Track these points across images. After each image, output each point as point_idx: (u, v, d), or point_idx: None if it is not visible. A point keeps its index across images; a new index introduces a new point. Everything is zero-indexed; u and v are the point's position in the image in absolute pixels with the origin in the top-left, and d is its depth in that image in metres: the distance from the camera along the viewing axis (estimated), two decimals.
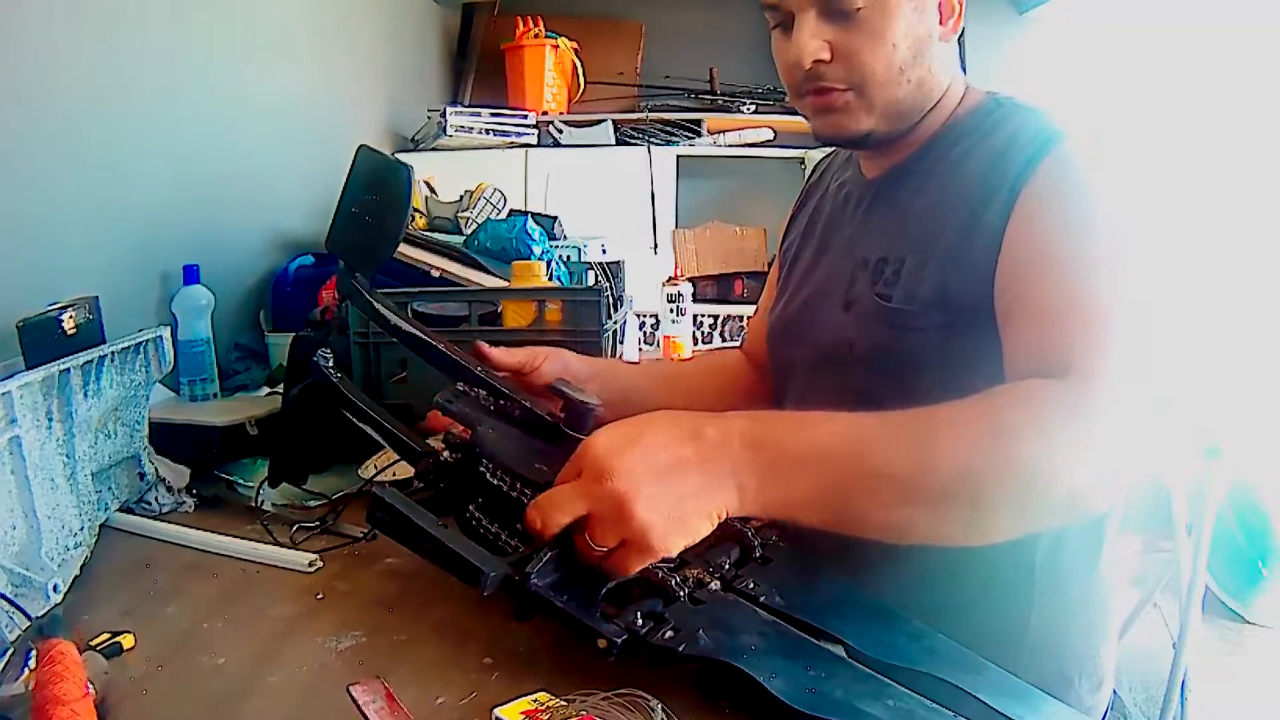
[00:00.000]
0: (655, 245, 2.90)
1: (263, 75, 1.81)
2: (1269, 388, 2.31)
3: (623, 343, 1.49)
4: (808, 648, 0.62)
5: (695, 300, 2.32)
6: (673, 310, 1.88)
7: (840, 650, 0.62)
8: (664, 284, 1.89)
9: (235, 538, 0.94)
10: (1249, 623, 2.40)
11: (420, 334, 0.92)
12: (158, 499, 1.04)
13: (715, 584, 0.68)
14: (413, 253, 1.39)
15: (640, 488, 0.59)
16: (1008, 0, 3.26)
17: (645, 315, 2.54)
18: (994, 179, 0.79)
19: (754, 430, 0.63)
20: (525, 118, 2.85)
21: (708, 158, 3.07)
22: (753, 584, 0.68)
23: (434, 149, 2.75)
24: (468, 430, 0.81)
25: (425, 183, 1.96)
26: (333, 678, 0.67)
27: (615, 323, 1.36)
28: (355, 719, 0.61)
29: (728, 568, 0.70)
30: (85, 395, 0.91)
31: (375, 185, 0.93)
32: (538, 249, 1.49)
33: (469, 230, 1.70)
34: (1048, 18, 3.19)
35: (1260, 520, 2.40)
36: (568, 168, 2.81)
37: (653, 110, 3.05)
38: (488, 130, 2.78)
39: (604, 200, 2.73)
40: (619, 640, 0.61)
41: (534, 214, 1.69)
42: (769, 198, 3.34)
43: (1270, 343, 2.42)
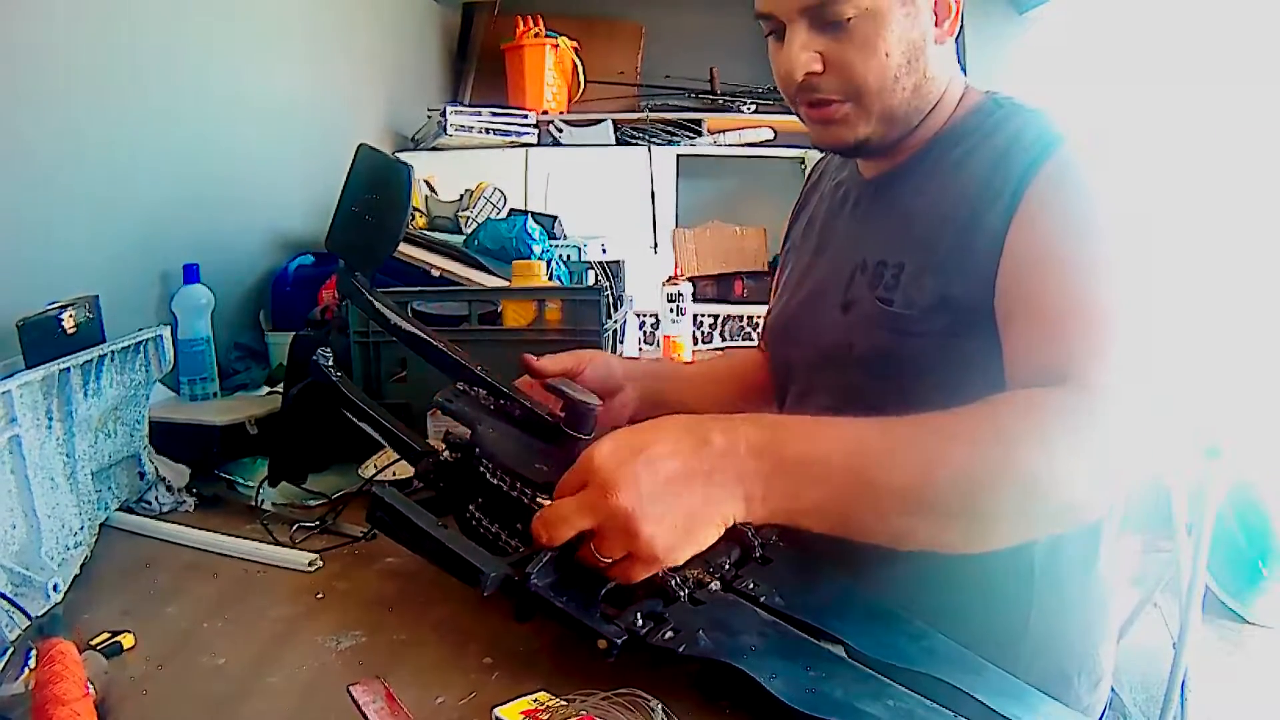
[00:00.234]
0: (655, 245, 2.90)
1: (263, 75, 1.81)
2: (1269, 388, 2.31)
3: (623, 342, 1.49)
4: (808, 648, 0.62)
5: (695, 300, 2.31)
6: (673, 310, 1.88)
7: (840, 650, 0.62)
8: (664, 284, 1.89)
9: (235, 537, 0.94)
10: (1249, 623, 2.40)
11: (420, 333, 0.92)
12: (158, 498, 1.04)
13: (715, 584, 0.68)
14: (413, 252, 1.39)
15: (646, 502, 0.58)
16: (1008, 0, 3.26)
17: (645, 315, 2.54)
18: (996, 181, 0.79)
19: (761, 438, 0.62)
20: (525, 117, 2.86)
21: (708, 158, 3.07)
22: (753, 584, 0.68)
23: (434, 148, 2.76)
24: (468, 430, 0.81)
25: (425, 182, 1.96)
26: (333, 678, 0.67)
27: (615, 322, 1.36)
28: (355, 719, 0.61)
29: (728, 568, 0.70)
30: (85, 394, 0.91)
31: (375, 184, 0.93)
32: (538, 248, 1.49)
33: (469, 230, 1.70)
34: (1048, 18, 3.19)
35: (1260, 520, 2.40)
36: (568, 167, 2.82)
37: (653, 110, 3.05)
38: (488, 130, 2.78)
39: (604, 200, 2.73)
40: (619, 640, 0.61)
41: (534, 213, 1.69)
42: (769, 198, 3.34)
43: (1270, 343, 2.42)
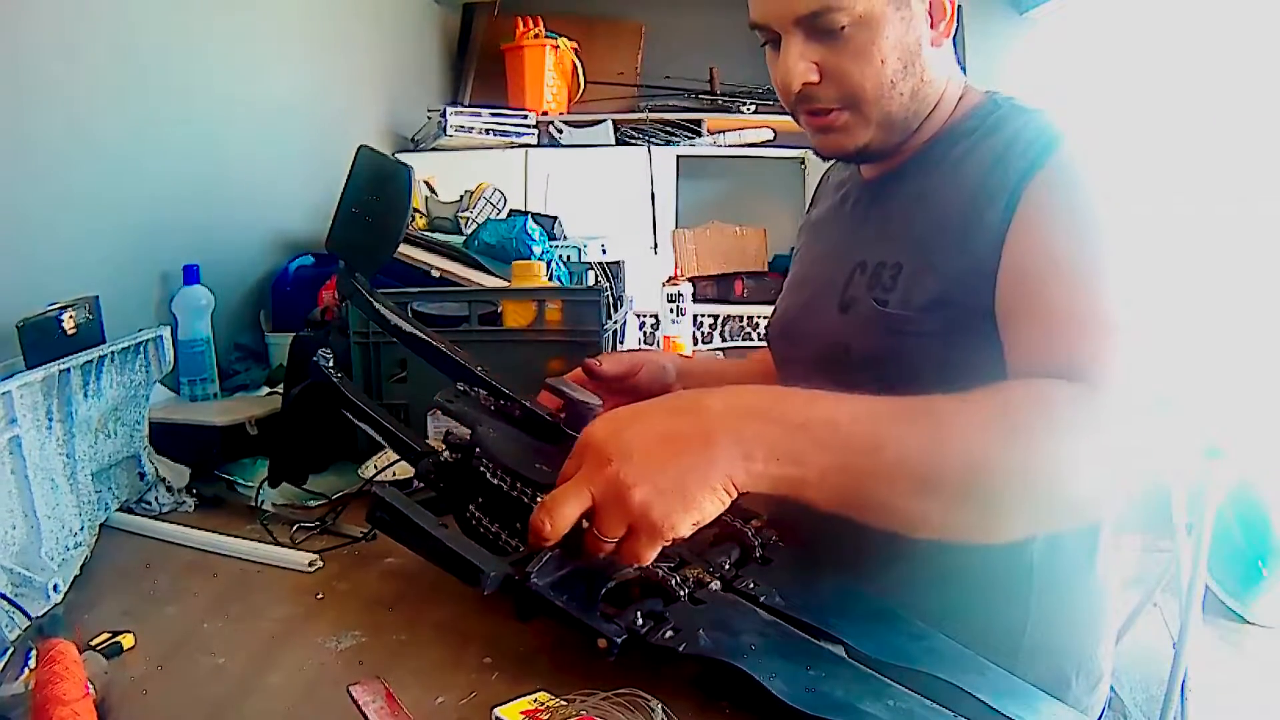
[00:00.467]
0: (655, 245, 2.90)
1: (263, 75, 1.81)
2: (1269, 388, 2.31)
3: (622, 342, 1.49)
4: (808, 648, 0.62)
5: (695, 300, 2.32)
6: (673, 310, 1.88)
7: (840, 650, 0.62)
8: (664, 284, 1.89)
9: (235, 538, 0.94)
10: (1249, 623, 2.40)
11: (420, 334, 0.92)
12: (158, 499, 1.04)
13: (715, 584, 0.68)
14: (413, 253, 1.39)
15: (636, 466, 0.57)
16: (1008, 0, 3.26)
17: (645, 315, 2.54)
18: (994, 181, 0.79)
19: (762, 402, 0.61)
20: (525, 118, 2.85)
21: (708, 158, 3.07)
22: (753, 584, 0.68)
23: (434, 149, 2.76)
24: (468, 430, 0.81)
25: (425, 183, 1.96)
26: (332, 678, 0.67)
27: (615, 323, 1.36)
28: (355, 719, 0.61)
29: (728, 568, 0.70)
30: (85, 395, 0.91)
31: (376, 186, 0.93)
32: (538, 249, 1.49)
33: (469, 230, 1.70)
34: (1048, 18, 3.19)
35: (1260, 520, 2.40)
36: (568, 168, 2.82)
37: (653, 110, 3.05)
38: (488, 130, 2.78)
39: (604, 200, 2.73)
40: (619, 640, 0.61)
41: (534, 214, 1.69)
42: (769, 198, 3.34)
43: (1271, 343, 2.42)
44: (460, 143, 2.75)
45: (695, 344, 2.29)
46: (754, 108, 3.05)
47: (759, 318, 2.88)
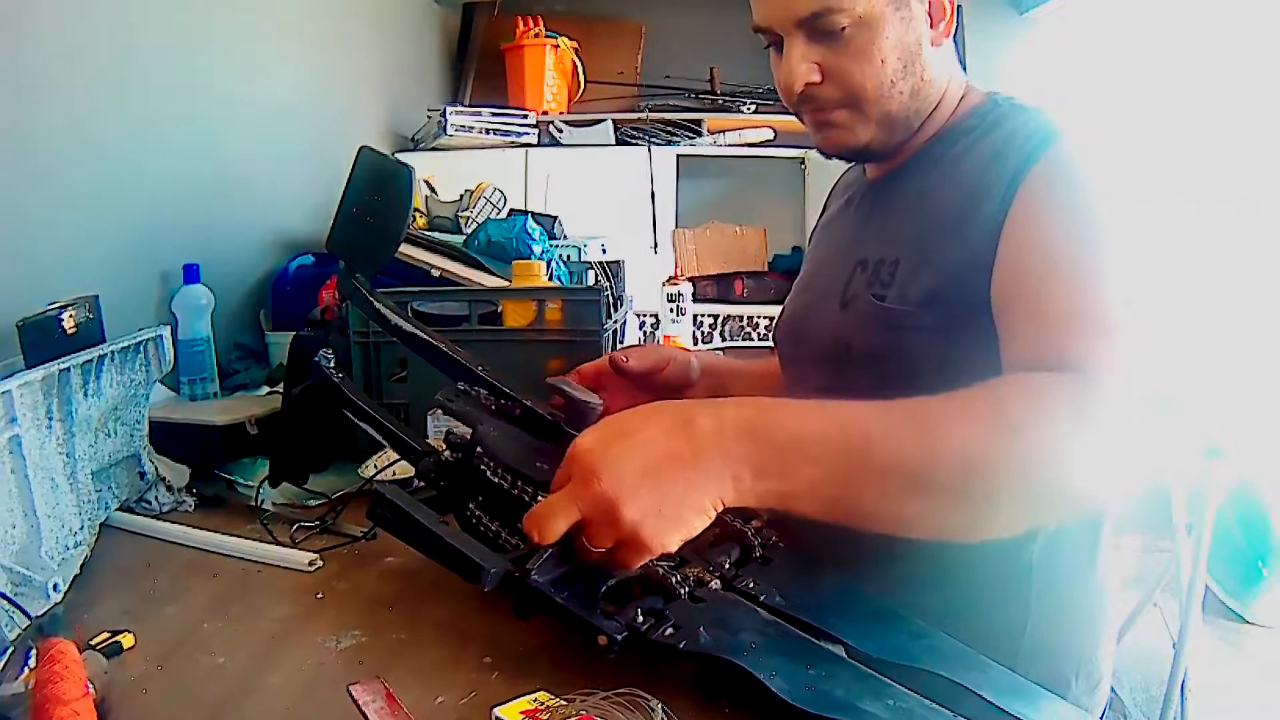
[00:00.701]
0: (655, 245, 2.90)
1: (263, 75, 1.81)
2: (1269, 388, 2.31)
3: (622, 342, 1.49)
4: (808, 647, 0.62)
5: (695, 300, 2.32)
6: (673, 310, 1.89)
7: (840, 650, 0.62)
8: (664, 284, 1.90)
9: (235, 537, 0.94)
10: (1249, 623, 2.40)
11: (421, 334, 0.92)
12: (158, 498, 1.04)
13: (716, 583, 0.68)
14: (413, 252, 1.39)
15: (627, 489, 0.58)
16: (1008, 0, 3.26)
17: (645, 315, 2.54)
18: (991, 176, 0.79)
19: (749, 419, 0.61)
20: (525, 117, 2.85)
21: (708, 158, 3.07)
22: (753, 583, 0.68)
23: (434, 149, 2.76)
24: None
25: (425, 182, 1.96)
26: (332, 678, 0.67)
27: (615, 322, 1.36)
28: (355, 719, 0.61)
29: (728, 567, 0.70)
30: (85, 394, 0.91)
31: (376, 186, 0.94)
32: (538, 249, 1.49)
33: (469, 230, 1.70)
34: (1048, 18, 3.19)
35: (1260, 520, 2.40)
36: (568, 168, 2.81)
37: (653, 110, 3.04)
38: (488, 130, 2.78)
39: (604, 200, 2.73)
40: (619, 637, 0.61)
41: (534, 214, 1.69)
42: (769, 198, 3.34)
43: (1270, 343, 2.42)
44: (460, 142, 2.75)
45: (695, 344, 2.29)
46: (754, 107, 3.05)
47: (759, 318, 2.88)
